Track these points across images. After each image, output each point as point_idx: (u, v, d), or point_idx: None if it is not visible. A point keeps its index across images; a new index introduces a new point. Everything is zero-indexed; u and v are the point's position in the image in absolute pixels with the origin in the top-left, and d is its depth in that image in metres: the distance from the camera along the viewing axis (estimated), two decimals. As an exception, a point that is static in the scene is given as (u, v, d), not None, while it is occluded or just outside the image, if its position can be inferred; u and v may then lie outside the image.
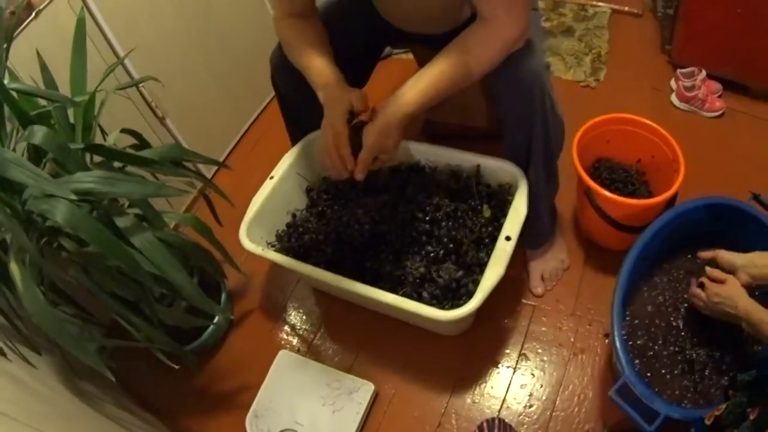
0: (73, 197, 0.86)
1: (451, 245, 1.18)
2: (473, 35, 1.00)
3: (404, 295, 1.13)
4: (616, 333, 1.10)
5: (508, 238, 1.11)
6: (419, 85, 1.01)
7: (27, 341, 1.10)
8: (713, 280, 1.07)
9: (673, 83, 1.78)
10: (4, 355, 1.02)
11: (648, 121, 1.37)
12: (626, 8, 2.03)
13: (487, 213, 1.22)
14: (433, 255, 1.19)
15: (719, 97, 1.74)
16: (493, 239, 1.14)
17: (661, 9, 1.87)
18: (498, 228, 1.16)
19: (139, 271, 0.97)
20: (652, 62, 1.87)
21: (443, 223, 1.21)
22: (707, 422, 0.90)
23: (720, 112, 1.70)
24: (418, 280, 1.17)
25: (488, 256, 1.11)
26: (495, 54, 1.00)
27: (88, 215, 0.87)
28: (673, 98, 1.76)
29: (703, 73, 1.72)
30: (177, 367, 1.13)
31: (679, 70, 1.75)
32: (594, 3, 2.07)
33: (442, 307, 1.13)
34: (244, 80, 1.85)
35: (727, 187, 1.26)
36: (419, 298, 1.16)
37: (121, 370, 1.18)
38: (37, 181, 0.89)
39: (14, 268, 0.96)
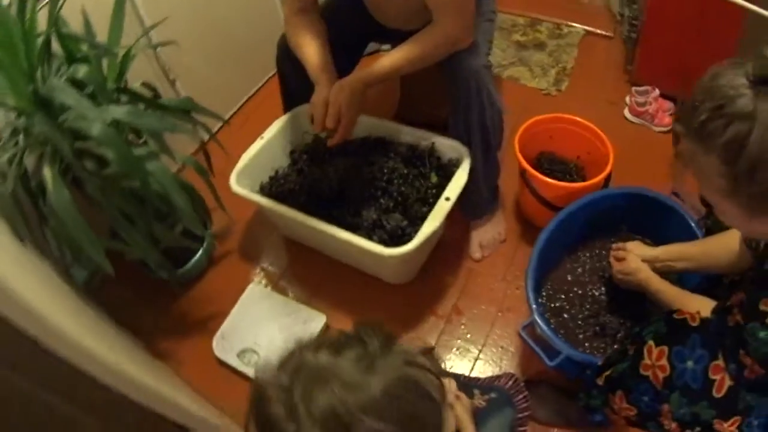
0: (109, 120, 1.24)
1: (400, 198, 1.54)
2: (426, 32, 1.40)
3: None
4: (529, 276, 1.36)
5: (447, 199, 1.47)
6: (381, 63, 1.41)
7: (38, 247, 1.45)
8: (618, 259, 1.36)
9: (627, 99, 2.12)
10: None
11: (585, 122, 1.70)
12: (599, 30, 2.39)
13: (434, 179, 1.59)
14: (384, 206, 1.55)
15: (671, 114, 2.07)
16: (437, 200, 1.49)
17: (626, 32, 2.25)
18: (441, 192, 1.50)
19: (150, 189, 1.32)
20: (613, 80, 2.22)
21: (396, 182, 1.58)
22: (599, 363, 1.14)
23: (669, 128, 2.02)
24: (370, 226, 1.52)
25: (430, 212, 1.46)
26: (441, 46, 1.40)
27: (118, 135, 1.24)
28: (626, 112, 2.10)
29: (657, 91, 2.04)
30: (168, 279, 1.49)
31: (634, 88, 2.08)
32: (569, 23, 2.42)
33: (388, 250, 1.48)
34: (246, 60, 2.25)
35: (666, 189, 1.53)
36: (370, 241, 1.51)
37: (108, 297, 1.54)
38: (80, 104, 1.26)
39: (47, 172, 1.29)
